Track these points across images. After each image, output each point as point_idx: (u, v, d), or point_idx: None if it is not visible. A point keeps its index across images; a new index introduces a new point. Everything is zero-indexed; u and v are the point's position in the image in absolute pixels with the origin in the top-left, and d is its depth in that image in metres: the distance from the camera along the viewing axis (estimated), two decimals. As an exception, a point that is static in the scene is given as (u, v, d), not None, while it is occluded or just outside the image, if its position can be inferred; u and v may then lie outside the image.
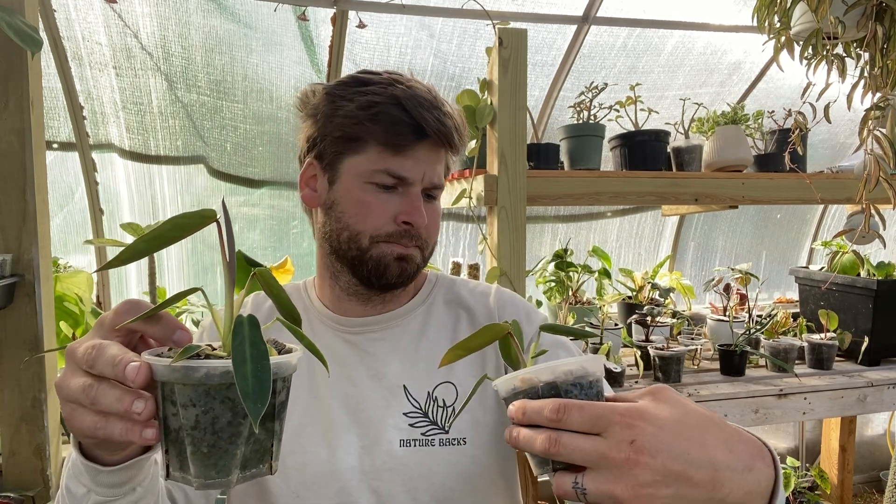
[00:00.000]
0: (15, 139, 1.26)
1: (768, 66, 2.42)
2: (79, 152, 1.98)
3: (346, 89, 0.77)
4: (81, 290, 1.64)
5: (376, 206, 0.76)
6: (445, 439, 0.77)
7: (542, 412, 0.44)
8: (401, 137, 0.74)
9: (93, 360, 0.42)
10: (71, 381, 0.44)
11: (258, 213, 2.30)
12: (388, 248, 0.77)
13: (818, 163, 2.64)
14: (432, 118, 0.74)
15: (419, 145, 0.76)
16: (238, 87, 2.06)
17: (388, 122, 0.73)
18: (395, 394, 0.79)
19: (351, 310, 0.84)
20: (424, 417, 0.78)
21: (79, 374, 0.43)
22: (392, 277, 0.78)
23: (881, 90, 1.19)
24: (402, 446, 0.76)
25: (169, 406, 0.40)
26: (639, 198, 1.69)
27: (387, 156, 0.75)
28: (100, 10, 1.82)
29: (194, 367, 0.38)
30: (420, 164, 0.76)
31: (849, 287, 1.94)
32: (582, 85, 1.78)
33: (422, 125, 0.74)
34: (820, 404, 1.71)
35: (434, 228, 0.81)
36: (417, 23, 2.05)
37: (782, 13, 1.26)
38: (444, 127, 0.75)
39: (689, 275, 2.92)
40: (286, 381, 0.44)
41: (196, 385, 0.39)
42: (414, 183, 0.77)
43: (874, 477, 3.06)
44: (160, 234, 0.41)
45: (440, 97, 0.79)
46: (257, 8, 1.92)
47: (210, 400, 0.39)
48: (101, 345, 0.43)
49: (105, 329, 0.46)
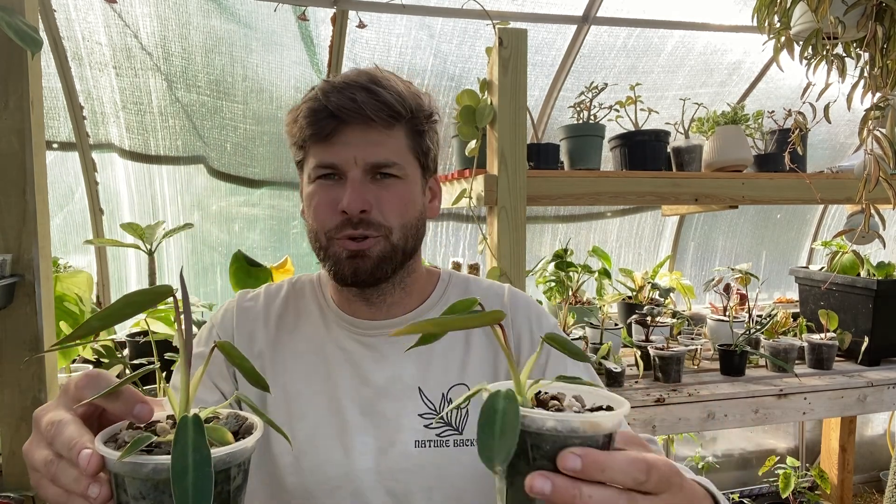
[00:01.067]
0: (15, 139, 1.26)
1: (768, 66, 2.42)
2: (79, 152, 1.98)
3: (302, 98, 0.80)
4: (81, 290, 1.64)
5: (320, 200, 0.77)
6: (460, 440, 0.78)
7: (628, 471, 0.38)
8: (319, 126, 0.74)
9: (52, 438, 0.42)
10: (36, 452, 0.43)
11: (258, 213, 2.30)
12: (340, 246, 0.76)
13: (818, 163, 2.64)
14: (339, 98, 0.72)
15: (344, 129, 0.74)
16: (238, 87, 2.06)
17: (306, 116, 0.75)
18: (410, 395, 0.79)
19: (360, 311, 0.83)
20: (440, 419, 0.79)
21: (42, 446, 0.43)
22: (347, 277, 0.77)
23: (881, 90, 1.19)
24: (418, 447, 0.77)
25: (122, 494, 0.39)
26: (639, 198, 1.69)
27: (317, 149, 0.76)
28: (100, 10, 1.82)
29: (141, 463, 0.37)
30: (349, 148, 0.74)
31: (849, 287, 1.94)
32: (582, 85, 1.78)
33: (329, 108, 0.73)
34: (820, 404, 1.71)
35: (391, 209, 0.76)
36: (417, 23, 2.05)
37: (782, 13, 1.26)
38: (355, 104, 0.72)
39: (689, 275, 2.92)
40: (242, 465, 0.42)
41: (144, 479, 0.38)
42: (346, 168, 0.75)
43: (874, 477, 3.06)
44: (114, 312, 0.41)
45: (381, 75, 0.76)
46: (257, 8, 1.92)
47: (160, 494, 0.38)
48: (61, 422, 0.42)
49: (68, 398, 0.45)
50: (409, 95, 0.77)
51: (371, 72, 0.77)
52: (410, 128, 0.78)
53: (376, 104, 0.73)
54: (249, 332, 0.83)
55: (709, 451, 2.95)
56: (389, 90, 0.74)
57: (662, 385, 1.70)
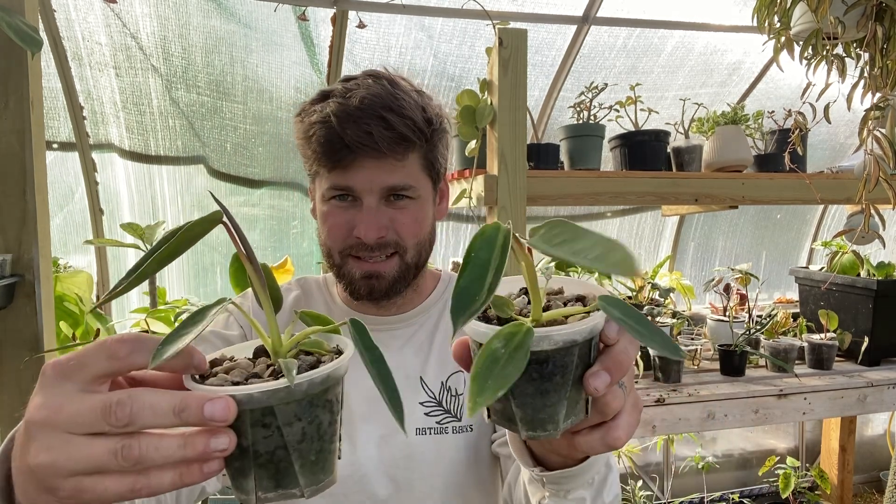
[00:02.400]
0: (15, 139, 1.26)
1: (768, 66, 2.42)
2: (79, 152, 1.98)
3: (306, 108, 0.78)
4: (81, 290, 1.64)
5: (335, 221, 0.78)
6: (458, 427, 0.82)
7: (629, 353, 0.42)
8: (334, 155, 0.74)
9: (130, 416, 0.34)
10: (77, 452, 0.35)
11: (258, 213, 2.30)
12: (356, 266, 0.78)
13: (818, 163, 2.64)
14: (355, 132, 0.72)
15: (359, 157, 0.74)
16: (238, 87, 2.06)
17: (318, 142, 0.74)
18: (412, 385, 0.83)
19: (368, 309, 0.86)
20: (439, 406, 0.82)
21: (89, 441, 0.35)
22: (362, 296, 0.80)
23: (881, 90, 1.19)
24: (419, 435, 0.81)
25: (258, 431, 0.37)
26: (638, 198, 1.69)
27: (330, 173, 0.77)
28: (100, 10, 1.82)
29: (299, 382, 0.37)
30: (366, 173, 0.75)
31: (849, 287, 1.94)
32: (582, 85, 1.78)
33: (344, 140, 0.72)
34: (820, 404, 1.71)
35: (407, 230, 0.79)
36: (417, 23, 2.05)
37: (782, 13, 1.26)
38: (371, 138, 0.72)
39: (689, 275, 2.92)
40: None
41: (300, 399, 0.38)
42: (362, 193, 0.76)
43: (874, 477, 3.06)
44: (171, 250, 0.37)
45: (394, 94, 0.75)
46: (257, 8, 1.92)
47: (314, 409, 0.39)
48: (131, 395, 0.35)
49: (97, 372, 0.37)
50: (423, 119, 0.76)
51: (385, 92, 0.75)
52: (425, 151, 0.79)
53: (392, 138, 0.73)
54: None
55: (709, 451, 2.95)
56: (404, 116, 0.74)
57: (662, 385, 1.70)
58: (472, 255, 0.38)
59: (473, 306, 0.35)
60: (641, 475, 2.80)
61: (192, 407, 0.34)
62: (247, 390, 0.36)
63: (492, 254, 0.37)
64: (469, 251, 0.38)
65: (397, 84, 0.77)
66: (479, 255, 0.38)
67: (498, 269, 0.37)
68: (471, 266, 0.37)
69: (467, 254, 0.38)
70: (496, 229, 0.39)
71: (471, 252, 0.38)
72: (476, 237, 0.38)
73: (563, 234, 0.36)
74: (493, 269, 0.37)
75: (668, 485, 2.83)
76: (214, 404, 0.34)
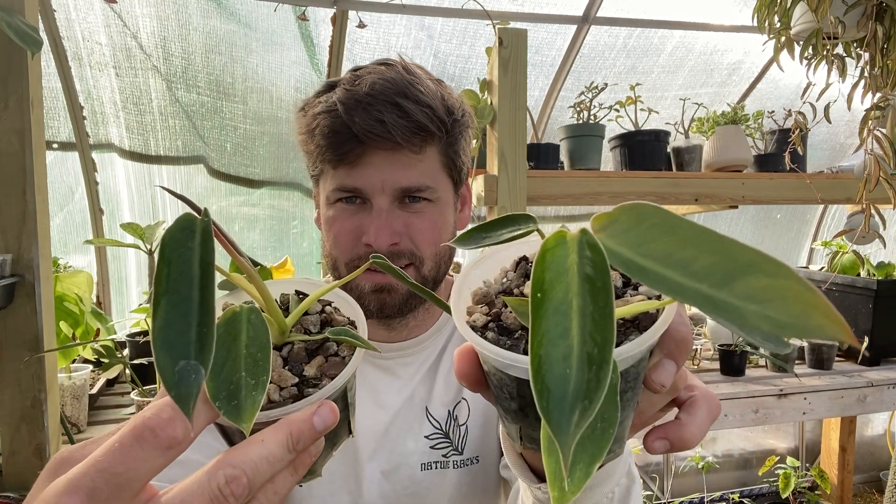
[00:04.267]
0: (15, 139, 1.26)
1: (768, 66, 2.42)
2: (79, 152, 1.98)
3: (309, 101, 0.69)
4: (81, 290, 1.64)
5: (342, 226, 0.68)
6: (460, 461, 0.74)
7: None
8: (340, 147, 0.64)
9: (248, 486, 0.28)
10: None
11: (258, 213, 2.30)
12: (366, 278, 0.68)
13: (818, 163, 2.64)
14: (364, 120, 0.62)
15: (369, 151, 0.64)
16: (238, 87, 2.06)
17: (323, 134, 0.65)
18: (418, 416, 0.75)
19: (377, 334, 0.76)
20: (445, 438, 0.74)
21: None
22: (372, 312, 0.70)
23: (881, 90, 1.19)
24: (424, 470, 0.73)
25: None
26: (638, 198, 1.69)
27: (336, 171, 0.67)
28: (100, 10, 1.82)
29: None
30: (376, 170, 0.65)
31: (849, 287, 1.94)
32: (582, 85, 1.78)
33: (352, 130, 0.62)
34: (820, 404, 1.71)
35: (424, 238, 0.68)
36: (417, 23, 2.05)
37: (782, 13, 1.26)
38: (384, 126, 0.62)
39: (689, 275, 2.91)
40: None
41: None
42: (372, 194, 0.66)
43: (874, 477, 3.06)
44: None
45: (409, 81, 0.65)
46: (257, 8, 1.92)
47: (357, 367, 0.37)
48: (233, 463, 0.28)
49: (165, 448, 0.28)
50: (443, 107, 0.66)
51: (400, 77, 0.65)
52: (444, 146, 0.69)
53: (407, 126, 0.63)
54: None
55: (709, 451, 2.95)
56: (421, 103, 0.64)
57: (662, 385, 1.70)
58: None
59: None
60: (641, 475, 2.80)
61: (305, 430, 0.30)
62: (338, 382, 0.33)
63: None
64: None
65: (412, 71, 0.68)
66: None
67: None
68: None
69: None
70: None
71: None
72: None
73: (664, 234, 0.22)
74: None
75: (668, 485, 2.83)
76: (321, 414, 0.31)
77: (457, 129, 0.69)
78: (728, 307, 0.19)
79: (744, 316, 0.18)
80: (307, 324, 0.37)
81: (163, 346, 0.25)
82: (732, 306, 0.19)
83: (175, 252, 0.27)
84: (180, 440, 0.27)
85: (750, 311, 0.18)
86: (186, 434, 0.28)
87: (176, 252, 0.27)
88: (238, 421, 0.27)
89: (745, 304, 0.19)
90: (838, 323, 0.18)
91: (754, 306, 0.18)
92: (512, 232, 0.31)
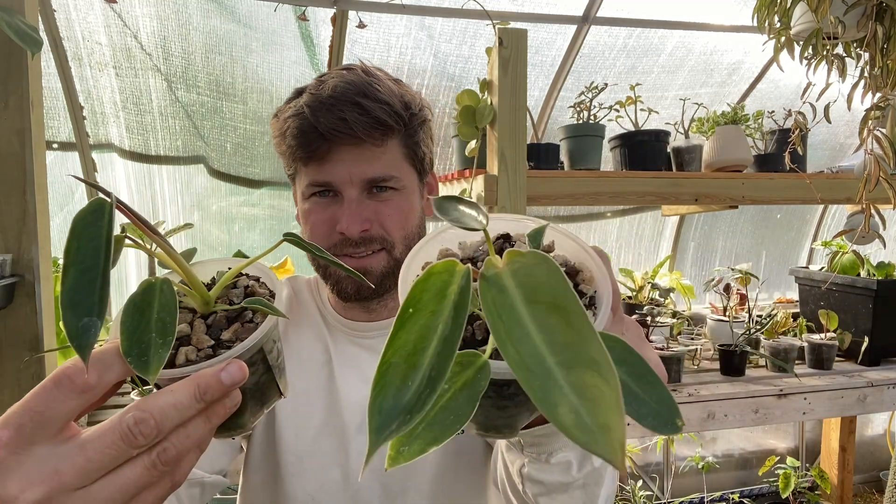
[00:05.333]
0: (15, 139, 1.26)
1: (768, 66, 2.42)
2: (79, 152, 1.98)
3: (281, 108, 0.77)
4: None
5: (317, 218, 0.75)
6: None
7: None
8: (308, 146, 0.71)
9: (156, 428, 0.32)
10: (109, 492, 0.33)
11: (258, 213, 2.30)
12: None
13: (818, 163, 2.64)
14: (328, 119, 0.69)
15: (336, 148, 0.71)
16: (238, 87, 2.06)
17: (293, 135, 0.72)
18: None
19: (358, 315, 0.83)
20: None
21: (115, 475, 0.33)
22: (350, 295, 0.77)
23: (881, 90, 1.19)
24: None
25: (249, 371, 0.40)
26: (639, 198, 1.69)
27: (307, 167, 0.74)
28: (100, 10, 1.82)
29: (279, 307, 0.42)
30: (343, 164, 0.72)
31: (849, 287, 1.94)
32: (582, 85, 1.78)
33: (318, 129, 0.70)
34: (820, 404, 1.71)
35: (392, 223, 0.75)
36: (417, 23, 2.05)
37: (782, 13, 1.26)
38: (346, 124, 0.69)
39: (689, 275, 2.92)
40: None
41: (275, 324, 0.42)
42: (341, 186, 0.73)
43: (874, 477, 3.06)
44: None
45: (368, 81, 0.72)
46: (257, 8, 1.92)
47: (277, 327, 0.43)
48: (143, 408, 0.33)
49: (58, 402, 0.33)
50: (400, 103, 0.73)
51: (360, 80, 0.72)
52: (405, 138, 0.76)
53: (367, 122, 0.70)
54: None
55: (709, 451, 2.95)
56: (379, 101, 0.71)
57: (662, 385, 1.70)
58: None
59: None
60: (641, 475, 2.80)
61: (212, 384, 0.34)
62: (247, 344, 0.37)
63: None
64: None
65: (372, 73, 0.75)
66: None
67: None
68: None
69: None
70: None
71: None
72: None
73: (549, 289, 0.24)
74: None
75: (668, 485, 2.83)
76: (229, 370, 0.35)
77: (414, 122, 0.76)
78: (551, 383, 0.21)
79: (556, 404, 0.20)
80: (232, 296, 0.42)
81: (69, 306, 0.31)
82: (557, 386, 0.21)
83: (85, 230, 0.32)
84: (93, 385, 0.33)
85: (566, 401, 0.21)
86: (99, 380, 0.33)
87: (86, 230, 0.32)
88: (145, 373, 0.32)
89: (569, 393, 0.21)
90: (616, 456, 0.20)
91: (574, 398, 0.21)
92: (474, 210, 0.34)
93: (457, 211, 0.33)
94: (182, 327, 0.39)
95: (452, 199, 0.35)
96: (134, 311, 0.35)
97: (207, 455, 0.71)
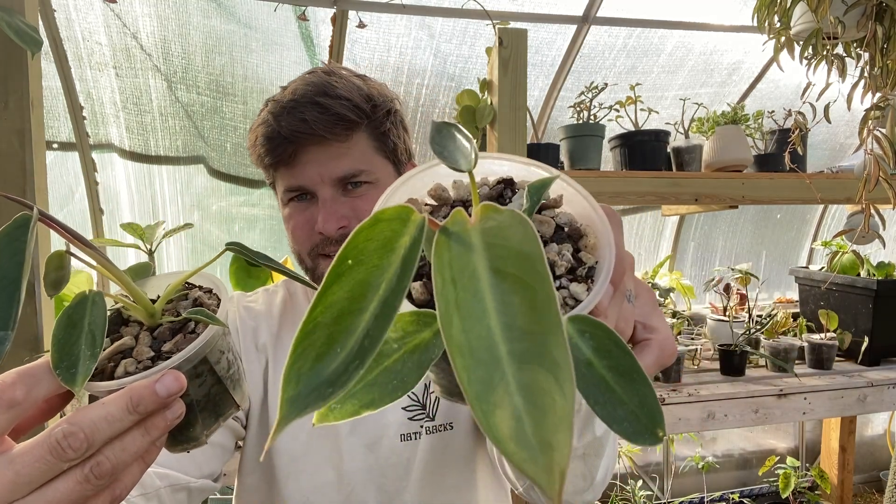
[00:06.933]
0: (15, 139, 1.26)
1: (768, 66, 2.42)
2: (79, 152, 1.98)
3: (254, 121, 0.78)
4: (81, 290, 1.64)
5: (297, 222, 0.76)
6: (432, 426, 0.79)
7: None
8: (276, 153, 0.73)
9: (87, 440, 0.32)
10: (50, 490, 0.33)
11: (258, 213, 2.30)
12: (326, 264, 0.74)
13: (818, 163, 2.64)
14: (289, 121, 0.70)
15: (303, 150, 0.72)
16: (238, 87, 2.06)
17: (261, 144, 0.74)
18: None
19: None
20: (423, 409, 0.79)
21: (46, 489, 0.33)
22: None
23: (881, 90, 1.19)
24: (403, 441, 0.78)
25: (194, 382, 0.40)
26: (639, 198, 1.69)
27: (281, 174, 0.75)
28: (100, 10, 1.82)
29: (221, 317, 0.40)
30: (312, 166, 0.73)
31: (849, 287, 1.94)
32: (582, 85, 1.78)
33: (282, 133, 0.71)
34: (820, 404, 1.71)
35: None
36: (417, 23, 2.05)
37: (782, 13, 1.26)
38: (307, 124, 0.69)
39: (689, 275, 2.92)
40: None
41: (222, 334, 0.42)
42: (315, 187, 0.74)
43: (874, 477, 3.06)
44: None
45: (329, 81, 0.73)
46: (257, 8, 1.92)
47: (227, 336, 0.43)
48: (72, 421, 0.32)
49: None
50: (362, 98, 0.74)
51: (320, 80, 0.73)
52: (371, 130, 0.76)
53: (328, 120, 0.70)
54: (253, 327, 0.84)
55: (709, 451, 2.95)
56: (339, 98, 0.71)
57: (662, 385, 1.70)
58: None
59: None
60: (641, 475, 2.80)
61: (145, 395, 0.33)
62: (184, 354, 0.36)
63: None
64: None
65: (333, 72, 0.76)
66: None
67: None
68: None
69: None
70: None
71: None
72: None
73: (520, 261, 0.20)
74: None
75: (668, 485, 2.83)
76: (164, 382, 0.34)
77: (378, 113, 0.75)
78: (497, 378, 0.17)
79: (496, 405, 0.17)
80: (182, 308, 0.41)
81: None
82: (504, 382, 0.17)
83: (9, 245, 0.32)
84: (20, 401, 0.33)
85: (509, 404, 0.17)
86: (26, 396, 0.33)
87: (9, 245, 0.32)
88: (72, 385, 0.32)
89: (515, 393, 0.17)
90: (553, 484, 0.16)
91: (519, 401, 0.17)
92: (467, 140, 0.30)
93: (452, 142, 0.28)
94: (127, 340, 0.38)
95: (452, 128, 0.29)
96: (66, 325, 0.35)
97: (195, 459, 0.71)
